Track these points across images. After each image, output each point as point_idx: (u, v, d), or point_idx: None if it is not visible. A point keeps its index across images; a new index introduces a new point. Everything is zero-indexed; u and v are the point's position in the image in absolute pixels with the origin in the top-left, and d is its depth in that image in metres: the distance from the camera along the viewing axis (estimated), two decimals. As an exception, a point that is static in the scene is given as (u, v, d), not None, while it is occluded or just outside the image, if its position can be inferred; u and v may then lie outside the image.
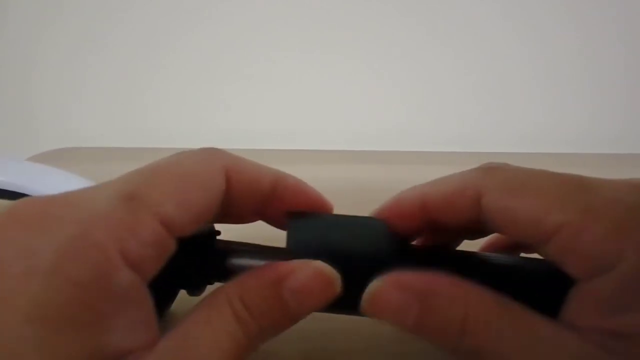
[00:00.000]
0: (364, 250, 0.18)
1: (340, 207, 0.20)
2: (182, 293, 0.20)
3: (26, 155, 0.46)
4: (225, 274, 0.19)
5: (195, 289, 0.20)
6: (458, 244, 0.22)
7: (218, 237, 0.20)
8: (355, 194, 0.20)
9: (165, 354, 0.14)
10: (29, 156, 0.46)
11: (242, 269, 0.19)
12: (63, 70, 0.52)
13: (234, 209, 0.18)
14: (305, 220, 0.18)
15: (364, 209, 0.19)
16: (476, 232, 0.20)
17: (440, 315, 0.16)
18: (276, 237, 0.20)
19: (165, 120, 0.53)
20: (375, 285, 0.16)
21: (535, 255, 0.18)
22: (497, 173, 0.17)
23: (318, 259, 0.17)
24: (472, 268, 0.19)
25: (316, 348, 0.22)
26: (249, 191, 0.18)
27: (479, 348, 0.15)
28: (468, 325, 0.15)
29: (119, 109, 0.53)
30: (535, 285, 0.18)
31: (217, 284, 0.19)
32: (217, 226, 0.20)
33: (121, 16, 0.50)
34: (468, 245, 0.22)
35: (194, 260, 0.18)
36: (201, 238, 0.19)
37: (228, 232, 0.20)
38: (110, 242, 0.14)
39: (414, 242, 0.21)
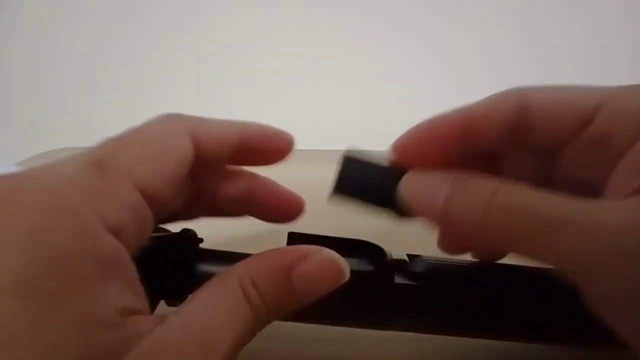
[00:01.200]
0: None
1: (327, 206, 0.20)
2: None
3: (25, 156, 0.46)
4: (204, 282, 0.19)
5: (175, 298, 0.19)
6: None
7: (200, 245, 0.20)
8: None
9: (175, 328, 0.14)
10: (28, 157, 0.46)
11: None
12: (61, 71, 0.52)
13: (206, 175, 0.18)
14: (356, 163, 0.19)
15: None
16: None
17: (471, 188, 0.16)
18: (264, 242, 0.19)
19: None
20: (411, 172, 0.18)
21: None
22: (532, 86, 0.18)
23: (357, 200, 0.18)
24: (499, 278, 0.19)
25: (313, 349, 0.22)
26: (218, 148, 0.18)
27: (511, 208, 0.15)
28: (500, 189, 0.16)
29: (117, 109, 0.53)
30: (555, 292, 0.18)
31: None
32: (201, 231, 0.20)
33: (121, 18, 0.50)
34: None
35: (174, 269, 0.18)
36: (182, 245, 0.19)
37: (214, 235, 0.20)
38: (86, 208, 0.14)
39: None
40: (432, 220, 0.17)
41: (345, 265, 0.17)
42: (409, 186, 0.18)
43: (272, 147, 0.20)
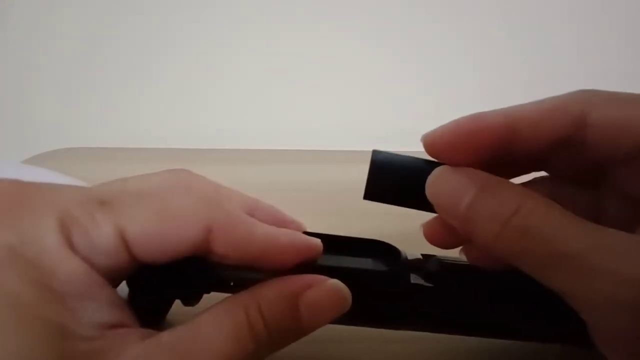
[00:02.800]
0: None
1: (337, 207, 0.20)
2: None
3: (25, 156, 0.46)
4: (221, 283, 0.19)
5: (190, 298, 0.19)
6: None
7: None
8: (351, 194, 0.20)
9: (163, 344, 0.14)
10: (28, 157, 0.46)
11: (238, 279, 0.18)
12: (61, 71, 0.52)
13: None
14: (386, 161, 0.19)
15: (361, 209, 0.19)
16: (541, 164, 0.20)
17: (495, 200, 0.16)
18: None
19: (161, 121, 0.53)
20: (439, 168, 0.18)
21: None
22: (600, 92, 0.17)
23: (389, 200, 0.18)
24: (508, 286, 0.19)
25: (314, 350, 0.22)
26: (232, 253, 0.17)
27: (527, 231, 0.15)
28: (522, 209, 0.16)
29: (117, 109, 0.54)
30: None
31: (213, 294, 0.19)
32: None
33: (119, 18, 0.50)
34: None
35: (189, 269, 0.17)
36: None
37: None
38: (59, 231, 0.14)
39: None
40: (453, 223, 0.17)
41: (348, 294, 0.17)
42: (435, 185, 0.18)
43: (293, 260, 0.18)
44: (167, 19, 0.50)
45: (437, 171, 0.18)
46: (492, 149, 0.17)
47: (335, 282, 0.17)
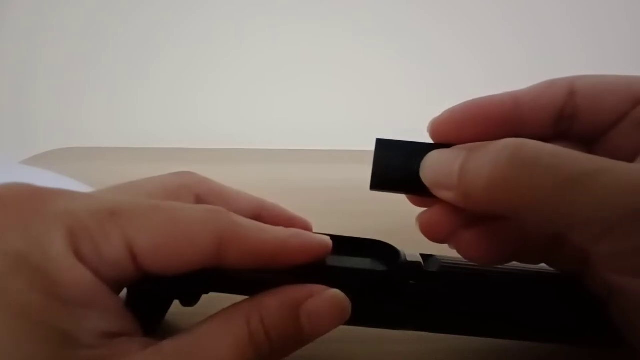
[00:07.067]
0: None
1: (336, 207, 0.20)
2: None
3: (25, 156, 0.46)
4: (221, 284, 0.19)
5: (189, 299, 0.19)
6: None
7: None
8: (350, 193, 0.20)
9: (165, 354, 0.14)
10: (28, 157, 0.46)
11: (238, 279, 0.18)
12: (59, 71, 0.52)
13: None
14: (391, 149, 0.19)
15: (360, 209, 0.19)
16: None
17: (483, 150, 0.16)
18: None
19: (161, 120, 0.53)
20: (429, 153, 0.18)
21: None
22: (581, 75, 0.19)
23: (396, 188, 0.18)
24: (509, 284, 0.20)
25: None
26: (243, 262, 0.17)
27: (522, 162, 0.15)
28: (510, 144, 0.15)
29: (115, 109, 0.53)
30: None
31: (212, 294, 0.19)
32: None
33: (119, 18, 0.50)
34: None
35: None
36: None
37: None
38: (67, 239, 0.14)
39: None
40: (449, 197, 0.17)
41: (348, 304, 0.17)
42: (427, 168, 0.18)
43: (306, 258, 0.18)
44: (166, 18, 0.50)
45: (427, 156, 0.18)
46: (499, 126, 0.18)
47: (335, 291, 0.17)
